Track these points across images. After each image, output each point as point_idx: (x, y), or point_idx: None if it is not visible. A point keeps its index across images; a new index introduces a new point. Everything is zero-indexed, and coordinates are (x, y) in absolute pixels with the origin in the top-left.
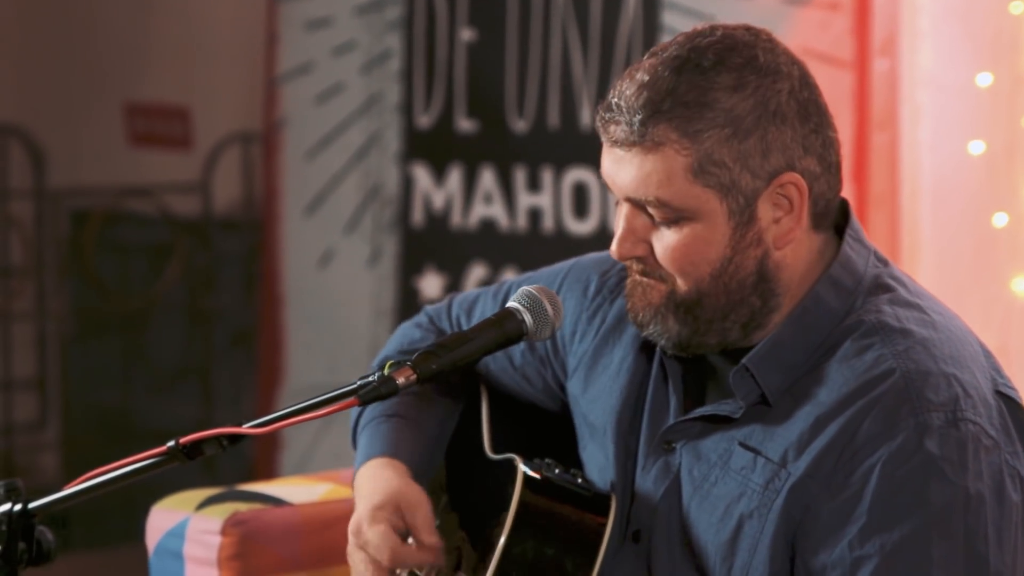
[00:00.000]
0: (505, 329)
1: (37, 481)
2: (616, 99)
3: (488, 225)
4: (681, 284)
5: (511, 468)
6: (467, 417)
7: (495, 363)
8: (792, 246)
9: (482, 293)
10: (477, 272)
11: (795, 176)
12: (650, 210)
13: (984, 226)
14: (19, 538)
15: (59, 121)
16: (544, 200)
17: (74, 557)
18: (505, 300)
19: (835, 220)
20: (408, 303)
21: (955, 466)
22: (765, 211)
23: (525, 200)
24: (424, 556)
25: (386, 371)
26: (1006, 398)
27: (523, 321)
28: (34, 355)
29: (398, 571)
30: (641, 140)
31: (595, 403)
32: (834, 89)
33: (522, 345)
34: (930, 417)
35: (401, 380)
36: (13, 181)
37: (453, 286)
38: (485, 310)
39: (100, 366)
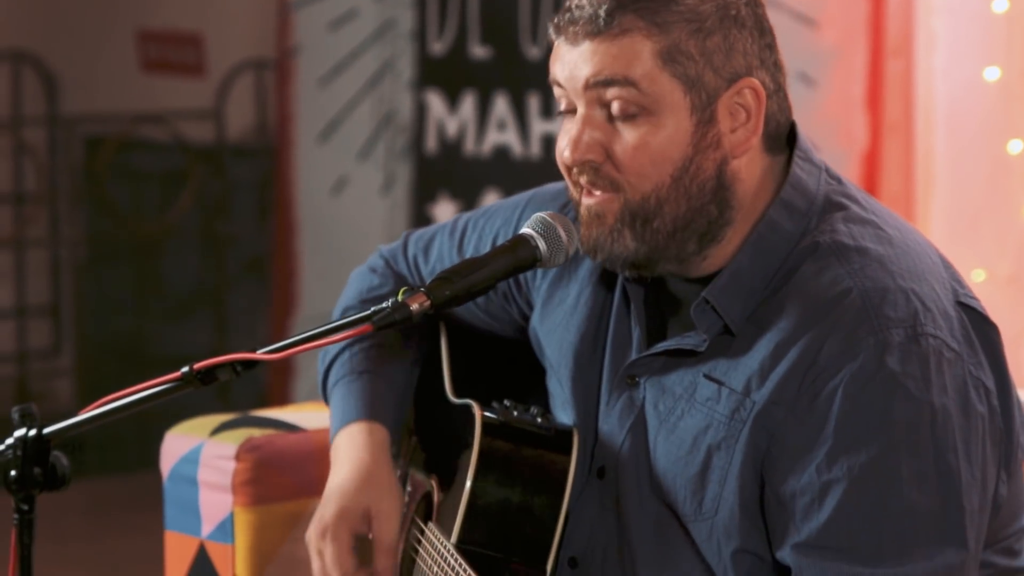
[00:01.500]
0: (518, 255)
1: (51, 407)
2: (576, 2)
3: (502, 152)
4: (640, 189)
5: (471, 414)
6: (431, 358)
7: None
8: (747, 158)
9: (438, 230)
10: (490, 199)
11: (754, 82)
12: (614, 95)
13: (998, 153)
14: (34, 463)
15: (72, 48)
16: (558, 127)
17: (89, 482)
18: (463, 236)
19: (786, 146)
20: None
21: (918, 382)
22: (723, 116)
23: (539, 127)
24: None
25: (400, 297)
26: (968, 308)
27: (536, 247)
28: (48, 282)
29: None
30: (607, 27)
31: (551, 337)
32: (849, 16)
33: None
34: (890, 334)
35: (415, 306)
36: (26, 108)
37: None
38: (443, 247)
39: (114, 293)
